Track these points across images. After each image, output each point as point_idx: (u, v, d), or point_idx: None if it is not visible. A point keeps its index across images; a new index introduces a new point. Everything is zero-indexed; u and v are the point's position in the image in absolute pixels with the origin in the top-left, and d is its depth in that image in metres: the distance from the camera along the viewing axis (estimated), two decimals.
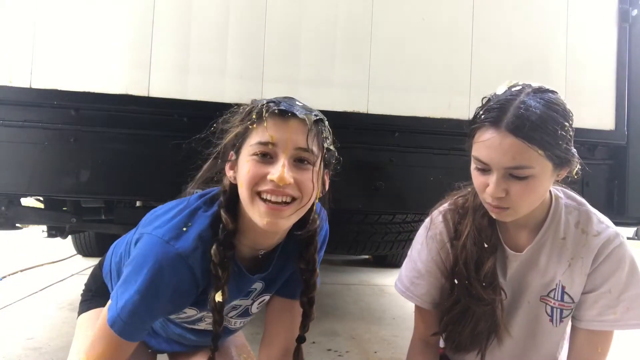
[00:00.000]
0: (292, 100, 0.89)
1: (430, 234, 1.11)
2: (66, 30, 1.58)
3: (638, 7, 1.84)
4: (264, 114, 0.83)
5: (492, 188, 0.92)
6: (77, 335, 1.13)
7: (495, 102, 0.93)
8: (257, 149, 0.83)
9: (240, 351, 1.25)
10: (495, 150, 0.90)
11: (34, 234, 5.45)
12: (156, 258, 0.84)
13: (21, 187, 1.59)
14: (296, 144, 0.83)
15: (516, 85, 0.95)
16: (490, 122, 0.91)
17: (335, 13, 1.70)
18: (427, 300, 1.12)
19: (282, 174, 0.81)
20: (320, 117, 0.88)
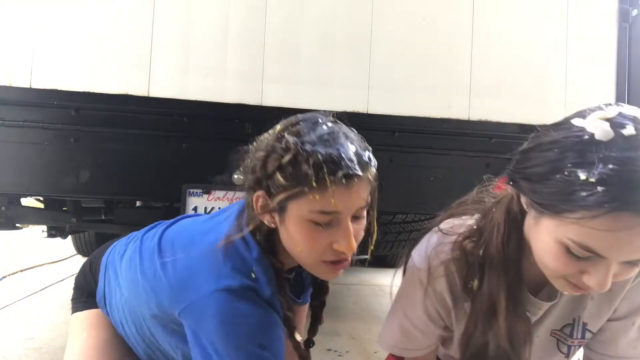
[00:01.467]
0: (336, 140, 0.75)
1: (430, 291, 0.85)
2: (66, 30, 1.58)
3: (638, 7, 1.84)
4: (329, 184, 0.71)
5: (600, 281, 0.64)
6: (71, 335, 1.11)
7: (616, 166, 0.58)
8: (319, 217, 0.74)
9: None
10: (627, 243, 0.60)
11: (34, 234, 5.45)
12: (247, 310, 0.77)
13: (21, 187, 1.59)
14: (358, 206, 0.77)
15: (620, 122, 0.62)
16: (624, 206, 0.58)
17: (335, 13, 1.70)
18: (426, 351, 0.95)
19: (352, 246, 0.76)
20: (374, 162, 0.79)
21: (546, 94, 1.80)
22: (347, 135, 0.78)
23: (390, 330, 0.94)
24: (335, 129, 0.77)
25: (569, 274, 0.68)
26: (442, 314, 0.87)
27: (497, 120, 1.76)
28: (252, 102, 1.63)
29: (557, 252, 0.66)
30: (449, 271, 0.83)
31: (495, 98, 1.77)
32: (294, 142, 0.74)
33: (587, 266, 0.65)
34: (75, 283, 1.20)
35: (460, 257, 0.83)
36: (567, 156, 0.62)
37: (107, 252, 1.12)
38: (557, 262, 0.67)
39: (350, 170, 0.73)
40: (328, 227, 0.76)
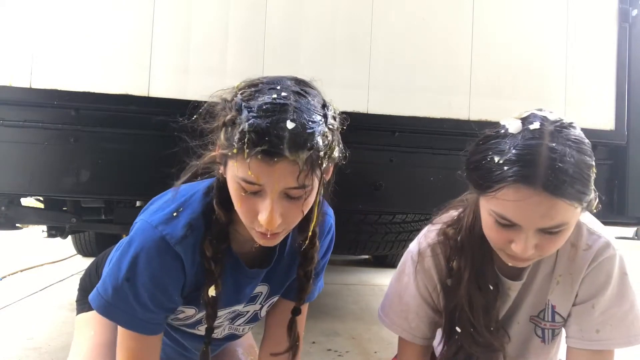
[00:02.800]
0: (284, 112, 0.71)
1: (418, 268, 1.01)
2: (66, 30, 1.58)
3: (638, 7, 1.84)
4: (246, 155, 0.70)
5: (521, 247, 0.81)
6: (76, 335, 1.12)
7: (518, 151, 0.78)
8: (242, 184, 0.74)
9: (247, 352, 1.24)
10: (530, 211, 0.77)
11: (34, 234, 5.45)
12: (143, 243, 0.82)
13: (21, 187, 1.59)
14: (285, 185, 0.73)
15: (530, 120, 0.82)
16: (521, 179, 0.76)
17: (336, 13, 1.70)
18: (418, 335, 1.05)
19: (270, 221, 0.74)
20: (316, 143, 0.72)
21: (546, 94, 1.80)
22: (297, 109, 0.72)
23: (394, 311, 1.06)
24: (287, 100, 0.72)
25: (503, 245, 0.84)
26: (430, 289, 1.01)
27: (497, 120, 1.75)
28: None
29: (490, 225, 0.84)
30: (435, 252, 1.00)
31: (495, 98, 1.77)
32: (237, 104, 0.74)
33: (512, 235, 0.82)
34: (80, 285, 1.21)
35: (444, 241, 0.99)
36: (490, 147, 0.83)
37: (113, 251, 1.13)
38: (492, 233, 0.85)
39: (271, 147, 0.69)
40: (255, 196, 0.75)
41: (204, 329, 1.01)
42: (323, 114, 0.76)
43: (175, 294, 0.88)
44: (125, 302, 0.84)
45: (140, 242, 0.83)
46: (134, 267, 0.82)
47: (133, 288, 0.83)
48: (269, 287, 1.01)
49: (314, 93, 0.80)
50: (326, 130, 0.75)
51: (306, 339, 2.21)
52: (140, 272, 0.82)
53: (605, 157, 1.87)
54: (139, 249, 0.83)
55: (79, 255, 4.38)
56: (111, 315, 0.86)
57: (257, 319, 1.08)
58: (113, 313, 0.86)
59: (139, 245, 0.83)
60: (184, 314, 0.97)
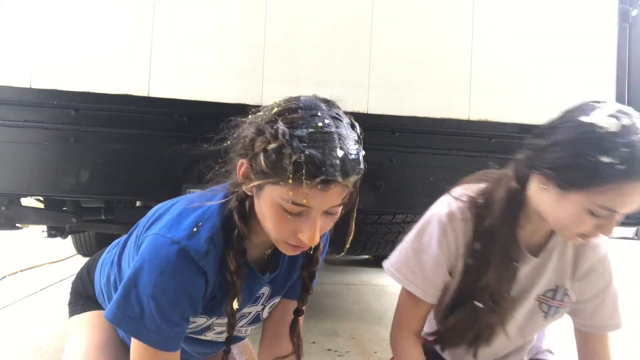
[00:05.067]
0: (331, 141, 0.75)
1: (447, 230, 1.03)
2: (66, 30, 1.58)
3: (638, 7, 1.84)
4: (304, 186, 0.73)
5: (609, 230, 0.90)
6: (71, 336, 1.12)
7: (628, 149, 0.83)
8: (290, 208, 0.76)
9: (242, 352, 1.24)
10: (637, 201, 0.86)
11: (34, 234, 5.45)
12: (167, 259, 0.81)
13: (21, 187, 1.59)
14: (332, 205, 0.78)
15: (620, 116, 0.87)
16: (634, 176, 0.83)
17: (336, 13, 1.70)
18: (430, 294, 1.07)
19: (314, 239, 0.78)
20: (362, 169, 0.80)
21: (546, 94, 1.80)
22: (341, 136, 0.77)
23: (409, 267, 1.07)
24: (330, 127, 0.76)
25: (585, 230, 0.90)
26: (452, 251, 1.03)
27: (497, 120, 1.76)
28: (252, 102, 1.63)
29: (581, 216, 0.88)
30: (465, 217, 1.02)
31: (495, 98, 1.77)
32: (282, 132, 0.74)
33: (602, 222, 0.88)
34: (72, 287, 1.20)
35: (472, 209, 1.02)
36: (589, 147, 0.85)
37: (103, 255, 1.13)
38: (580, 223, 0.89)
39: (329, 176, 0.73)
40: (297, 217, 0.78)
41: (211, 334, 1.01)
42: (357, 136, 0.82)
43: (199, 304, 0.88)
44: (152, 321, 0.82)
45: (164, 258, 0.81)
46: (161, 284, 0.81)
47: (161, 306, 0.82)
48: (270, 289, 1.01)
49: (342, 114, 0.84)
50: (364, 153, 0.82)
51: (306, 339, 2.21)
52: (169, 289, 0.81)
53: None
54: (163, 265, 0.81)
55: (79, 255, 4.37)
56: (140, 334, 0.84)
57: (259, 320, 1.08)
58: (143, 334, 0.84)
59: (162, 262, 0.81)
60: (195, 323, 0.97)
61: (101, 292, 1.09)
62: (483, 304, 1.02)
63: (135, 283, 0.83)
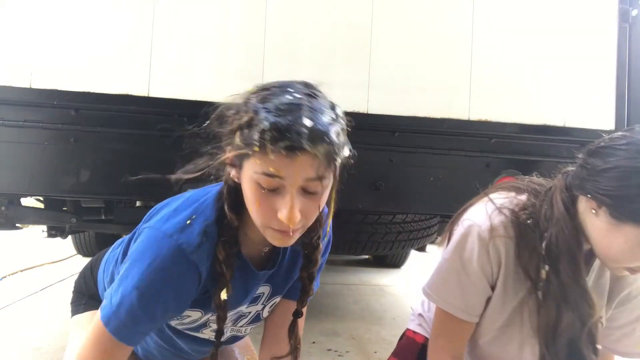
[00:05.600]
0: (299, 111, 0.74)
1: (491, 248, 0.95)
2: (66, 30, 1.58)
3: (638, 7, 1.84)
4: (269, 151, 0.73)
5: None
6: (72, 335, 1.12)
7: None
8: (262, 179, 0.75)
9: (244, 352, 1.24)
10: None
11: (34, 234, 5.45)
12: (157, 252, 0.81)
13: (21, 187, 1.59)
14: (305, 177, 0.75)
15: None
16: None
17: (336, 13, 1.70)
18: (473, 314, 1.01)
19: (292, 218, 0.75)
20: (333, 139, 0.75)
21: (546, 94, 1.80)
22: (312, 108, 0.76)
23: (449, 288, 1.01)
24: (301, 100, 0.76)
25: (635, 266, 0.84)
26: (494, 269, 0.97)
27: (497, 120, 1.76)
28: None
29: (634, 251, 0.82)
30: (508, 234, 0.94)
31: (495, 98, 1.77)
32: (253, 106, 0.76)
33: None
34: (75, 286, 1.20)
35: (516, 225, 0.94)
36: None
37: (107, 254, 1.13)
38: (632, 258, 0.83)
39: (293, 142, 0.72)
40: (274, 194, 0.77)
41: (208, 332, 1.01)
42: (334, 113, 0.79)
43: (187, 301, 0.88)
44: (129, 313, 0.82)
45: (155, 251, 0.82)
46: (147, 276, 0.81)
47: (143, 298, 0.81)
48: (270, 288, 1.01)
49: (322, 95, 0.82)
50: (338, 128, 0.78)
51: (306, 339, 2.21)
52: (155, 282, 0.81)
53: None
54: (153, 257, 0.81)
55: (79, 255, 4.37)
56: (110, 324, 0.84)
57: (260, 320, 1.08)
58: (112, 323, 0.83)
59: (153, 254, 0.81)
60: (190, 318, 0.97)
61: (104, 290, 1.09)
62: (576, 334, 0.94)
63: (127, 275, 0.83)
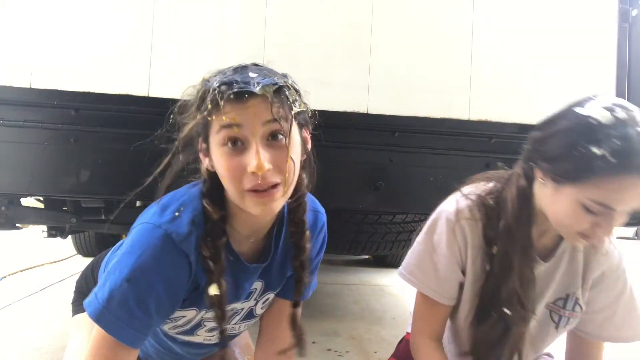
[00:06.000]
0: (246, 71, 0.80)
1: (456, 228, 1.01)
2: (66, 30, 1.58)
3: (638, 7, 1.84)
4: (220, 102, 0.76)
5: (608, 230, 0.87)
6: (72, 335, 1.12)
7: (620, 141, 0.80)
8: (224, 134, 0.78)
9: (244, 352, 1.24)
10: (633, 196, 0.83)
11: (34, 234, 5.45)
12: (148, 243, 0.81)
13: (21, 187, 1.59)
14: (262, 119, 0.77)
15: (612, 108, 0.84)
16: (629, 168, 0.81)
17: (336, 13, 1.70)
18: (446, 295, 1.05)
19: (259, 163, 0.76)
20: (280, 83, 0.80)
21: (546, 94, 1.80)
22: (259, 68, 0.82)
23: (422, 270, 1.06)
24: (248, 66, 0.83)
25: (583, 229, 0.88)
26: (462, 250, 1.02)
27: (497, 120, 1.76)
28: None
29: (574, 211, 0.87)
30: (474, 216, 1.00)
31: (495, 98, 1.77)
32: (204, 82, 0.82)
33: (600, 220, 0.86)
34: (76, 287, 1.20)
35: (481, 208, 1.01)
36: (581, 138, 0.84)
37: (108, 255, 1.13)
38: (574, 219, 0.88)
39: (240, 87, 0.76)
40: (240, 153, 0.78)
41: (203, 332, 1.01)
42: (283, 73, 0.84)
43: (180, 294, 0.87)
44: (122, 307, 0.80)
45: (145, 242, 0.82)
46: (138, 267, 0.80)
47: (135, 289, 0.80)
48: (263, 283, 1.00)
49: (275, 72, 0.86)
50: (289, 82, 0.83)
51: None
52: (147, 272, 0.80)
53: None
54: (143, 249, 0.81)
55: (79, 255, 4.38)
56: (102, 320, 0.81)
57: (253, 316, 1.07)
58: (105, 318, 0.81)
59: (143, 246, 0.81)
60: (185, 318, 0.96)
61: None
62: (511, 311, 0.97)
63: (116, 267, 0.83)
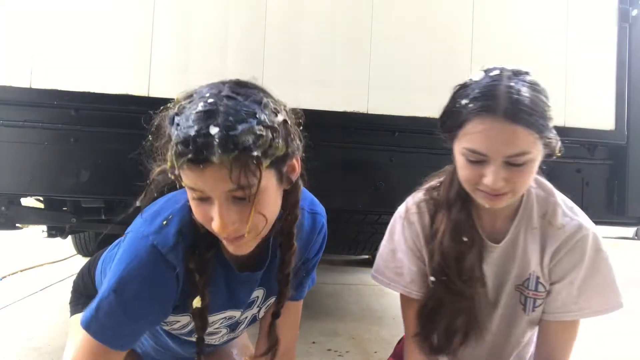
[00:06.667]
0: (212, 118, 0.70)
1: (405, 224, 1.11)
2: (66, 30, 1.58)
3: (638, 7, 1.84)
4: (176, 164, 0.72)
5: (492, 179, 0.90)
6: (71, 335, 1.12)
7: (480, 90, 0.90)
8: (190, 193, 0.76)
9: (242, 352, 1.24)
10: (494, 139, 0.88)
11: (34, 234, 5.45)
12: (135, 254, 0.81)
13: (21, 187, 1.59)
14: (224, 189, 0.72)
15: (492, 69, 0.94)
16: (483, 110, 0.88)
17: (335, 13, 1.70)
18: (414, 289, 1.10)
19: (220, 226, 0.73)
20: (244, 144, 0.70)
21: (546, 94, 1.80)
22: (224, 113, 0.71)
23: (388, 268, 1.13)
24: (213, 106, 0.72)
25: (476, 182, 0.94)
26: (417, 244, 1.09)
27: None
28: None
29: (462, 164, 0.95)
30: (420, 210, 1.10)
31: None
32: (171, 118, 0.76)
33: (483, 170, 0.91)
34: (73, 287, 1.20)
35: (428, 200, 1.10)
36: (457, 95, 0.97)
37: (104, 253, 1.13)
38: (465, 172, 0.95)
39: (196, 155, 0.69)
40: (206, 203, 0.75)
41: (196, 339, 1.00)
42: (253, 112, 0.73)
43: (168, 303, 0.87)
44: (109, 317, 0.81)
45: (132, 252, 0.82)
46: (124, 277, 0.81)
47: (122, 300, 0.81)
48: (265, 291, 1.00)
49: (249, 93, 0.78)
50: (257, 127, 0.72)
51: (306, 339, 2.21)
52: (131, 282, 0.81)
53: (605, 157, 1.87)
54: (130, 259, 0.81)
55: (79, 255, 4.38)
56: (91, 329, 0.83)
57: (256, 320, 1.08)
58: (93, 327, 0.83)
59: (130, 256, 0.82)
60: (179, 323, 0.96)
61: None
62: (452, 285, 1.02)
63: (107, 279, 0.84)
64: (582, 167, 1.84)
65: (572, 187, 1.83)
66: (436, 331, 1.08)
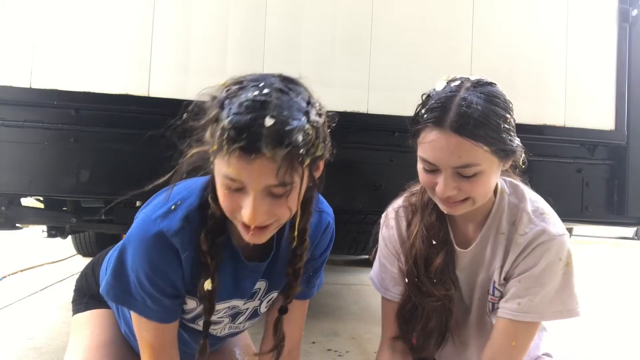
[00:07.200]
0: (265, 108, 0.70)
1: (384, 231, 1.15)
2: (66, 30, 1.58)
3: (638, 7, 1.84)
4: (225, 151, 0.71)
5: (441, 188, 0.92)
6: (73, 334, 1.12)
7: (435, 101, 0.92)
8: (225, 182, 0.75)
9: (244, 352, 1.24)
10: (441, 151, 0.90)
11: (34, 234, 5.45)
12: (140, 235, 0.85)
13: (21, 187, 1.59)
14: (266, 183, 0.73)
15: (455, 80, 0.95)
16: (433, 122, 0.90)
17: (335, 13, 1.70)
18: (397, 293, 1.13)
19: (252, 217, 0.74)
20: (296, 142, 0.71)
21: (546, 94, 1.80)
22: (279, 107, 0.71)
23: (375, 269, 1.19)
24: (268, 97, 0.72)
25: (432, 190, 0.96)
26: (396, 248, 1.12)
27: None
28: None
29: (420, 172, 0.98)
30: (398, 215, 1.13)
31: None
32: (220, 101, 0.75)
33: (435, 178, 0.93)
34: (76, 285, 1.20)
35: (406, 206, 1.13)
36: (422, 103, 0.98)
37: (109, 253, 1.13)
38: (422, 180, 0.98)
39: (249, 143, 0.69)
40: (239, 192, 0.76)
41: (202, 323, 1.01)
42: (305, 110, 0.75)
43: (176, 281, 0.89)
44: (135, 291, 0.87)
45: (139, 234, 0.86)
46: (134, 258, 0.85)
47: (137, 278, 0.86)
48: (267, 283, 1.01)
49: (298, 90, 0.79)
50: (307, 126, 0.74)
51: (306, 339, 2.21)
52: (141, 262, 0.85)
53: (605, 157, 1.87)
54: (138, 240, 0.85)
55: (79, 255, 4.38)
56: (128, 303, 0.90)
57: (257, 315, 1.08)
58: (128, 301, 0.89)
59: (137, 238, 0.85)
60: (187, 305, 0.97)
61: None
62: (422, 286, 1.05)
63: (122, 259, 0.88)
64: (582, 167, 1.84)
65: (572, 187, 1.83)
66: (414, 332, 1.11)
